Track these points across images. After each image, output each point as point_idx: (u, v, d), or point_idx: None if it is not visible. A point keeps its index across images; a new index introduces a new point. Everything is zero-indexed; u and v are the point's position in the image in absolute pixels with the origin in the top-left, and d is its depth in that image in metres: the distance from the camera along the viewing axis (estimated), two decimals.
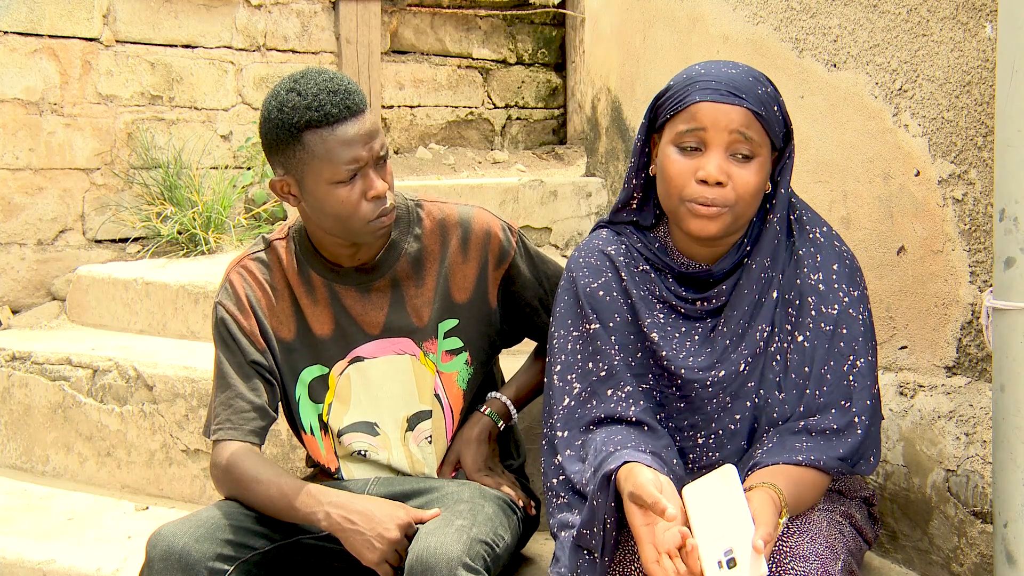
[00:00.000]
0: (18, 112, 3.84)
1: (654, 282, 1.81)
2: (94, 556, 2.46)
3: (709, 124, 1.67)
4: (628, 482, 1.56)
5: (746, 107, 1.67)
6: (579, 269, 1.84)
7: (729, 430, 1.75)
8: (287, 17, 4.57)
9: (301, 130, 1.82)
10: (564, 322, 1.83)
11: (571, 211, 3.63)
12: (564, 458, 1.75)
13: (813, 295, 1.74)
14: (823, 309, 1.73)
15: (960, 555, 1.96)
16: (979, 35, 1.94)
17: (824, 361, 1.72)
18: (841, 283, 1.75)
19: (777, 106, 1.72)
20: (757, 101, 1.68)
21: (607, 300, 1.81)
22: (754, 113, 1.67)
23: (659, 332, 1.78)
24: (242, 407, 1.92)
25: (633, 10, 3.33)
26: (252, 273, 2.00)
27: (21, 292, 3.89)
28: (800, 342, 1.73)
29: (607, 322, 1.80)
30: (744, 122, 1.67)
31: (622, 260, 1.83)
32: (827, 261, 1.76)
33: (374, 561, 1.77)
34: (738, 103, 1.67)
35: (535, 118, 5.44)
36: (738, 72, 1.71)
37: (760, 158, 1.69)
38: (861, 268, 1.81)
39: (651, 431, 1.74)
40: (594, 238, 1.88)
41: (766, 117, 1.69)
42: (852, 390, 1.71)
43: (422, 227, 2.02)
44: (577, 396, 1.78)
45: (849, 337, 1.72)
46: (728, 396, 1.75)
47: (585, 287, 1.82)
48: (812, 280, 1.75)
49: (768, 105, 1.70)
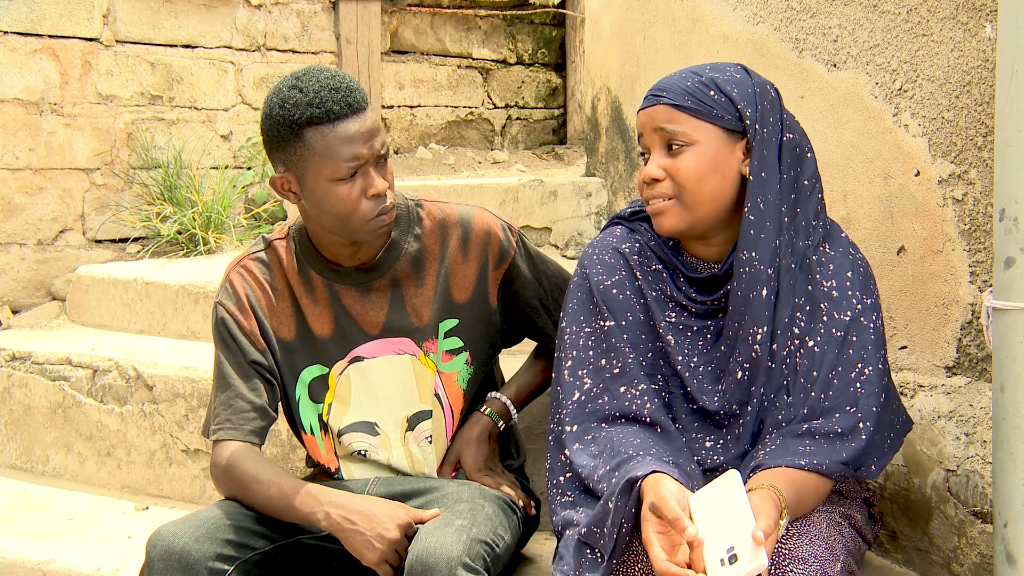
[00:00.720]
0: (18, 112, 3.84)
1: (666, 282, 1.81)
2: (94, 556, 2.46)
3: (642, 129, 1.76)
4: (652, 492, 1.56)
5: (664, 102, 1.72)
6: (593, 266, 1.84)
7: (735, 434, 1.75)
8: (287, 17, 4.57)
9: (302, 127, 1.82)
10: (576, 318, 1.83)
11: (571, 211, 3.63)
12: (572, 451, 1.74)
13: (826, 301, 1.74)
14: (835, 315, 1.73)
15: (960, 555, 1.96)
16: (979, 35, 1.94)
17: (832, 366, 1.71)
18: (855, 290, 1.74)
19: (716, 90, 1.72)
20: (679, 93, 1.71)
21: (620, 298, 1.81)
22: (674, 106, 1.71)
23: (673, 334, 1.79)
24: (242, 407, 1.92)
25: (633, 10, 3.33)
26: (252, 273, 2.00)
27: (21, 292, 3.89)
28: (811, 347, 1.73)
29: (620, 320, 1.80)
30: (665, 117, 1.72)
31: (636, 259, 1.83)
32: (841, 268, 1.76)
33: (374, 561, 1.77)
34: (656, 102, 1.73)
35: (535, 118, 5.44)
36: (677, 74, 1.76)
37: (696, 145, 1.71)
38: (874, 276, 1.80)
39: (665, 433, 1.74)
40: (608, 235, 1.88)
41: (692, 106, 1.70)
42: (859, 396, 1.70)
43: (422, 227, 2.03)
44: (588, 391, 1.78)
45: (859, 345, 1.72)
46: (734, 403, 1.75)
47: (599, 284, 1.82)
48: (825, 287, 1.75)
49: (698, 92, 1.71)
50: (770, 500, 1.55)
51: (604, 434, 1.74)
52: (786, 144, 1.74)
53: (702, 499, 1.56)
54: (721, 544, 1.48)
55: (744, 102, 1.72)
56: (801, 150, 1.77)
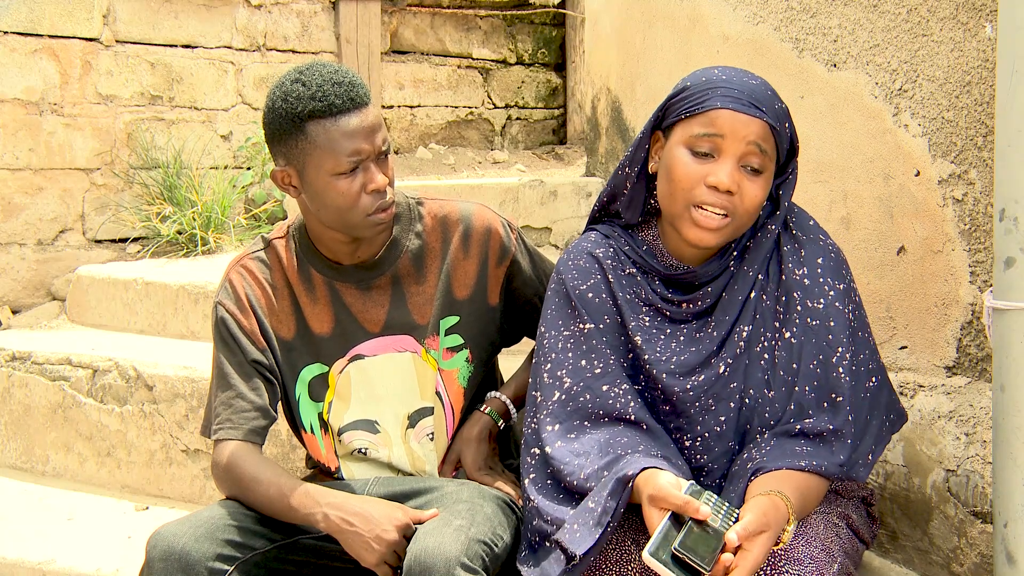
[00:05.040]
0: (18, 112, 3.84)
1: (640, 284, 1.81)
2: (94, 556, 2.46)
3: (728, 132, 1.67)
4: (649, 486, 1.56)
5: (765, 120, 1.67)
6: (568, 271, 1.85)
7: (715, 432, 1.75)
8: (287, 17, 4.57)
9: (305, 120, 1.83)
10: (555, 323, 1.83)
11: (571, 211, 3.63)
12: (554, 450, 1.73)
13: (799, 290, 1.74)
14: (809, 304, 1.73)
15: (960, 555, 1.96)
16: (979, 35, 1.94)
17: (812, 356, 1.71)
18: (826, 277, 1.74)
19: (788, 123, 1.73)
20: (775, 115, 1.69)
21: (596, 302, 1.81)
22: (771, 127, 1.68)
23: (643, 335, 1.79)
24: (243, 407, 1.92)
25: (633, 10, 3.33)
26: (252, 272, 2.01)
27: (21, 292, 3.89)
28: (787, 338, 1.73)
29: (598, 323, 1.80)
30: (762, 135, 1.67)
31: (609, 263, 1.83)
32: (811, 255, 1.76)
33: (372, 562, 1.77)
34: (758, 115, 1.67)
35: (535, 118, 5.44)
36: (758, 84, 1.71)
37: (767, 173, 1.70)
38: (847, 261, 1.80)
39: (650, 431, 1.74)
40: (583, 240, 1.89)
41: (779, 132, 1.70)
42: (841, 384, 1.70)
43: (423, 224, 2.03)
44: (568, 390, 1.78)
45: (836, 331, 1.71)
46: (710, 399, 1.75)
47: (575, 288, 1.83)
48: (797, 275, 1.75)
49: (782, 121, 1.71)
50: (772, 507, 1.54)
51: (588, 435, 1.74)
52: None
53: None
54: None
55: (796, 139, 1.75)
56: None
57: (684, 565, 1.45)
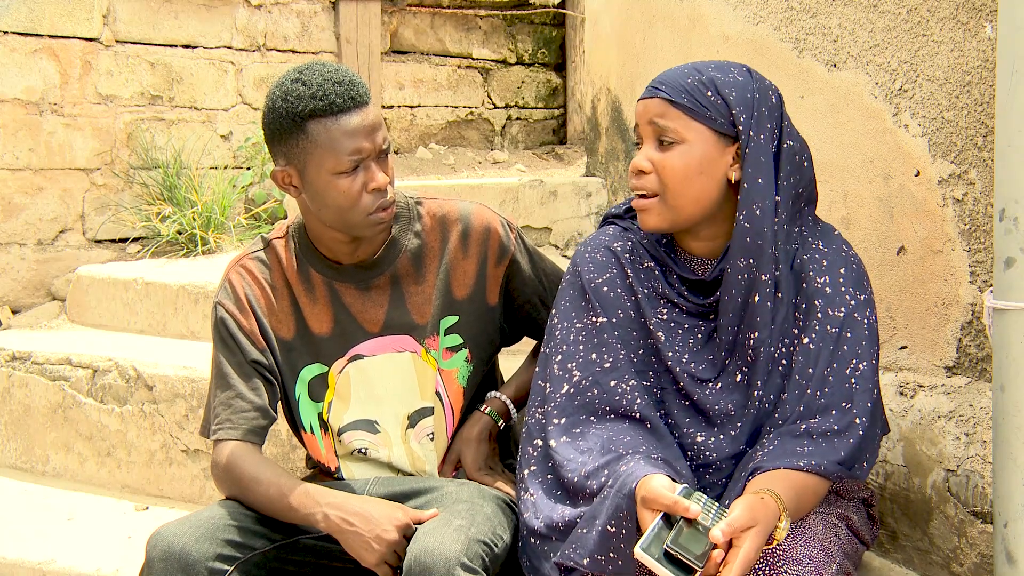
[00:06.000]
0: (18, 112, 3.84)
1: (658, 279, 1.82)
2: (94, 556, 2.46)
3: (639, 119, 1.76)
4: (642, 489, 1.57)
5: (661, 97, 1.72)
6: (584, 264, 1.85)
7: (730, 435, 1.76)
8: (287, 17, 4.57)
9: (305, 119, 1.83)
10: (568, 314, 1.84)
11: (571, 211, 3.63)
12: (559, 444, 1.75)
13: (820, 298, 1.74)
14: (829, 312, 1.73)
15: (960, 555, 1.96)
16: (979, 35, 1.94)
17: (828, 363, 1.71)
18: (848, 287, 1.75)
19: (714, 91, 1.71)
20: (676, 89, 1.71)
21: (612, 296, 1.82)
22: (669, 101, 1.71)
23: (664, 331, 1.80)
24: (242, 407, 1.92)
25: (633, 10, 3.33)
26: (251, 272, 2.01)
27: (21, 292, 3.90)
28: (806, 344, 1.73)
29: (612, 317, 1.81)
30: (658, 111, 1.72)
31: (627, 257, 1.84)
32: (834, 265, 1.76)
33: (372, 562, 1.77)
34: (653, 94, 1.73)
35: (535, 118, 5.44)
36: (682, 67, 1.76)
37: (686, 144, 1.71)
38: (867, 273, 1.81)
39: (654, 430, 1.74)
40: (600, 234, 1.90)
41: (687, 104, 1.70)
42: (854, 392, 1.70)
43: (422, 224, 2.03)
44: (577, 384, 1.78)
45: (854, 341, 1.72)
46: (730, 403, 1.75)
47: (590, 282, 1.83)
48: (819, 283, 1.75)
49: (695, 91, 1.71)
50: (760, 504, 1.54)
51: (593, 431, 1.75)
52: (785, 151, 1.74)
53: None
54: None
55: (740, 107, 1.71)
56: (801, 158, 1.76)
57: (676, 561, 1.49)
